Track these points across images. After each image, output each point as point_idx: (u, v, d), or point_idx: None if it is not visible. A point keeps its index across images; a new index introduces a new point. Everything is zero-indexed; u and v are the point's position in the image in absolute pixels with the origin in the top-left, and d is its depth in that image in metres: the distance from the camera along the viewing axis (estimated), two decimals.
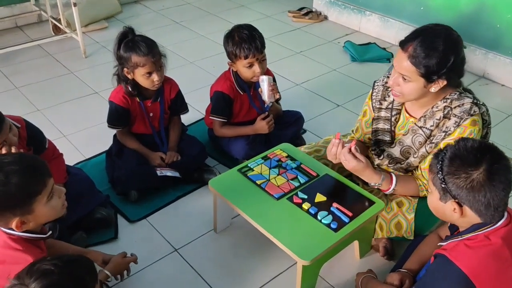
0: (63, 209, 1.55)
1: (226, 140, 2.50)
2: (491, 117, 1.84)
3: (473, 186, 1.29)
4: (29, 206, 1.42)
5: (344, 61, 3.73)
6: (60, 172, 2.05)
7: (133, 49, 2.17)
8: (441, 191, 1.36)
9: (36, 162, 1.49)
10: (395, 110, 1.93)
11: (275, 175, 2.02)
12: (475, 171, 1.29)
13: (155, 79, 2.22)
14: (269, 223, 1.80)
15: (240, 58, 2.32)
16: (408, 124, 1.90)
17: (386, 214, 1.94)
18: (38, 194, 1.43)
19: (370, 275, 1.80)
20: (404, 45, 1.68)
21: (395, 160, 1.93)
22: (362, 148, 2.04)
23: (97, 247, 2.04)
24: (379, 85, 1.98)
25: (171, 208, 2.29)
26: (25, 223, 1.44)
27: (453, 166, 1.32)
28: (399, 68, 1.71)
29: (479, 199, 1.29)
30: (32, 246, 1.48)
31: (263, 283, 1.94)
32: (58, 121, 2.90)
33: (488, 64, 3.46)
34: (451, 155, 1.33)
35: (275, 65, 3.56)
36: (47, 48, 3.75)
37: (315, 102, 3.18)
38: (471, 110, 1.73)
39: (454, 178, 1.31)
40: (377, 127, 1.99)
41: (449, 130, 1.75)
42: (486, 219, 1.33)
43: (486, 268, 1.29)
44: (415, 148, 1.86)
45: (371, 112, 2.00)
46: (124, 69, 2.22)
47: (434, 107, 1.79)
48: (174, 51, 3.76)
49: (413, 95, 1.74)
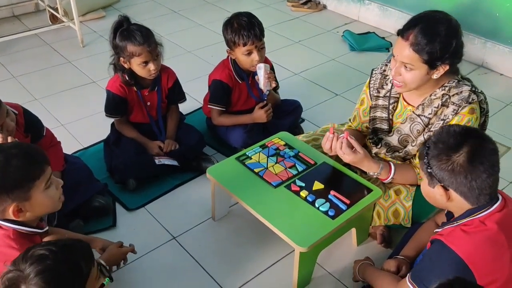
0: (60, 202, 1.55)
1: (224, 129, 2.50)
2: (490, 107, 1.85)
3: (453, 168, 1.31)
4: (27, 192, 1.42)
5: (343, 50, 3.71)
6: (58, 160, 2.05)
7: (128, 38, 2.16)
8: (428, 176, 1.38)
9: (35, 149, 1.52)
10: (393, 98, 1.93)
11: (273, 163, 2.02)
12: (456, 154, 1.31)
13: (152, 68, 2.21)
14: (267, 211, 1.81)
15: (239, 45, 2.31)
16: (406, 112, 1.90)
17: (384, 201, 1.94)
18: (36, 179, 1.43)
19: (367, 262, 1.81)
20: (404, 33, 1.67)
21: (393, 148, 1.94)
22: (358, 138, 2.04)
23: (95, 235, 2.04)
24: (377, 73, 1.97)
25: (169, 197, 2.29)
26: (22, 211, 1.44)
27: (436, 150, 1.35)
28: (401, 57, 1.69)
29: (461, 181, 1.31)
30: (28, 244, 1.46)
31: (261, 270, 1.95)
32: (56, 110, 2.90)
33: (487, 53, 3.45)
34: (435, 139, 1.37)
35: (273, 54, 3.54)
36: (45, 37, 3.73)
37: (314, 92, 3.18)
38: (469, 98, 1.73)
39: (437, 161, 1.34)
40: (375, 116, 1.99)
41: (447, 118, 1.75)
42: (472, 202, 1.34)
43: (482, 253, 1.30)
44: (413, 136, 1.86)
45: (369, 100, 2.00)
46: (121, 58, 2.21)
47: (432, 95, 1.79)
48: (172, 40, 3.74)
49: (415, 83, 1.73)
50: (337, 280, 1.92)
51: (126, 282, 1.88)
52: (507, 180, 2.45)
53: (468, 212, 1.36)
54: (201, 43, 3.71)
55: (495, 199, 1.37)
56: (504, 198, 1.38)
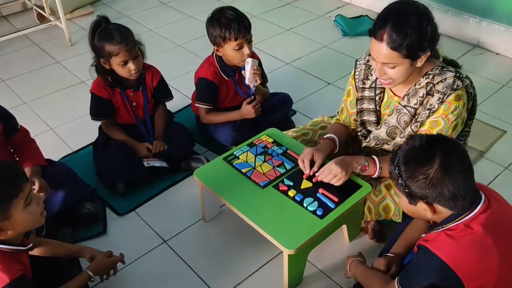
0: (42, 218, 1.53)
1: (213, 127, 2.46)
2: (486, 88, 1.78)
3: (433, 184, 1.27)
4: (6, 211, 1.41)
5: (335, 36, 3.64)
6: (37, 154, 2.03)
7: (106, 38, 2.12)
8: (407, 196, 1.34)
9: (11, 167, 1.49)
10: (379, 89, 1.89)
11: (261, 162, 1.99)
12: (431, 169, 1.28)
13: (132, 68, 2.17)
14: (254, 213, 1.79)
15: (229, 41, 2.26)
16: (392, 103, 1.86)
17: (375, 196, 1.91)
18: (14, 197, 1.41)
19: (358, 259, 1.78)
20: (377, 34, 1.63)
21: (381, 141, 1.90)
22: (343, 134, 2.01)
23: (86, 242, 2.04)
24: (361, 63, 1.93)
25: (159, 199, 2.28)
26: (3, 230, 1.43)
27: (409, 170, 1.31)
28: (380, 58, 1.65)
29: (443, 194, 1.27)
30: (13, 262, 1.47)
31: (252, 271, 1.93)
32: (45, 113, 2.88)
33: (482, 32, 3.37)
34: (404, 159, 1.33)
35: (264, 44, 3.49)
36: (33, 37, 3.69)
37: (305, 81, 3.13)
38: (454, 85, 1.69)
39: (414, 181, 1.30)
40: (362, 107, 1.95)
41: (433, 108, 1.72)
42: (458, 210, 1.31)
43: (468, 258, 1.27)
44: (401, 128, 1.82)
45: (355, 92, 1.96)
46: (101, 59, 2.17)
47: (416, 84, 1.75)
48: (161, 34, 3.69)
49: (403, 77, 1.70)
50: (329, 278, 1.90)
51: None
52: (502, 166, 2.41)
53: (453, 216, 1.33)
54: (191, 35, 3.65)
55: (478, 200, 1.33)
56: (487, 197, 1.35)
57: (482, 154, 2.48)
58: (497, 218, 1.31)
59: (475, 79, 3.03)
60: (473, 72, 3.09)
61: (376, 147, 1.93)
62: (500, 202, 1.37)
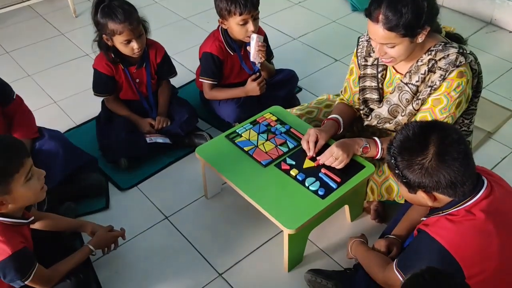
0: (43, 192, 1.53)
1: (217, 103, 2.43)
2: (497, 67, 1.72)
3: (429, 172, 1.25)
4: (7, 186, 1.41)
5: (345, 11, 3.56)
6: (30, 127, 2.00)
7: (109, 15, 2.07)
8: (406, 185, 1.32)
9: (13, 142, 1.49)
10: (381, 66, 1.85)
11: (263, 140, 1.97)
12: (425, 159, 1.25)
13: (135, 47, 2.13)
14: (255, 191, 1.78)
15: (234, 15, 2.21)
16: (395, 80, 1.83)
17: (378, 177, 1.89)
18: (15, 173, 1.41)
19: (359, 240, 1.78)
20: (372, 15, 1.59)
21: (383, 120, 1.88)
22: (348, 114, 1.98)
23: (88, 217, 2.05)
24: (363, 40, 1.89)
25: (162, 175, 2.27)
26: (4, 204, 1.43)
27: (405, 160, 1.28)
28: (378, 39, 1.61)
29: (440, 183, 1.25)
30: (15, 235, 1.48)
31: (253, 249, 1.94)
32: (48, 86, 2.86)
33: (495, 9, 3.26)
34: (399, 148, 1.30)
35: (271, 18, 3.43)
36: (38, 8, 3.65)
37: (312, 57, 3.07)
38: (457, 61, 1.64)
39: (410, 171, 1.27)
40: (364, 85, 1.92)
41: (434, 85, 1.68)
42: (458, 196, 1.29)
43: (468, 244, 1.25)
44: (402, 106, 1.80)
45: (357, 69, 1.92)
46: (103, 35, 2.13)
47: (418, 61, 1.71)
48: (166, 6, 3.62)
49: (404, 55, 1.66)
50: (329, 257, 1.90)
51: (119, 264, 1.89)
52: (510, 148, 2.37)
53: (454, 202, 1.31)
54: (197, 8, 3.58)
55: (480, 185, 1.31)
56: (490, 182, 1.32)
57: (489, 135, 2.43)
58: (499, 204, 1.29)
59: (487, 57, 3.00)
60: (484, 50, 3.02)
61: (378, 126, 1.91)
62: (502, 187, 1.35)
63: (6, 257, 1.44)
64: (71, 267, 1.64)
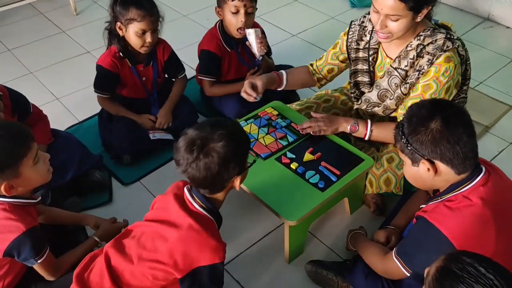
0: (49, 174, 1.58)
1: (218, 99, 2.46)
2: (494, 62, 1.77)
3: (434, 136, 1.29)
4: (16, 169, 1.45)
5: (343, 7, 3.59)
6: (44, 134, 2.06)
7: (134, 2, 2.09)
8: (409, 154, 1.35)
9: (20, 128, 1.53)
10: (372, 50, 1.90)
11: (264, 134, 2.00)
12: (432, 122, 1.29)
13: (148, 39, 2.15)
14: (256, 184, 1.80)
15: (227, 1, 2.23)
16: (386, 64, 1.88)
17: (376, 170, 1.93)
18: (23, 156, 1.46)
19: (359, 232, 1.81)
20: None
21: (372, 104, 1.94)
22: (299, 74, 2.14)
23: (92, 211, 2.08)
24: (356, 24, 1.95)
25: (164, 170, 2.30)
26: (13, 187, 1.48)
27: (412, 126, 1.33)
28: (386, 9, 1.64)
29: (444, 147, 1.28)
30: (25, 214, 1.52)
31: (254, 241, 1.97)
32: (50, 83, 2.88)
33: (493, 5, 3.30)
34: (408, 116, 1.35)
35: (270, 15, 3.45)
36: (38, 6, 3.67)
37: (311, 54, 3.08)
38: (444, 46, 1.69)
39: (415, 135, 1.31)
40: (356, 68, 1.98)
41: (422, 69, 1.73)
42: (460, 169, 1.31)
43: (467, 230, 1.28)
44: (391, 90, 1.85)
45: (343, 47, 2.00)
46: (118, 23, 2.14)
47: (408, 46, 1.77)
48: (167, 4, 3.64)
49: (402, 31, 1.70)
50: (329, 249, 1.93)
51: None
52: (507, 141, 2.40)
53: (452, 187, 1.34)
54: (196, 5, 3.61)
55: (478, 171, 1.34)
56: (488, 170, 1.35)
57: (487, 129, 2.47)
58: (496, 192, 1.32)
59: (484, 52, 3.03)
60: (482, 45, 3.04)
61: (368, 109, 1.97)
62: (500, 176, 1.38)
63: (20, 234, 1.47)
64: (77, 258, 1.66)
